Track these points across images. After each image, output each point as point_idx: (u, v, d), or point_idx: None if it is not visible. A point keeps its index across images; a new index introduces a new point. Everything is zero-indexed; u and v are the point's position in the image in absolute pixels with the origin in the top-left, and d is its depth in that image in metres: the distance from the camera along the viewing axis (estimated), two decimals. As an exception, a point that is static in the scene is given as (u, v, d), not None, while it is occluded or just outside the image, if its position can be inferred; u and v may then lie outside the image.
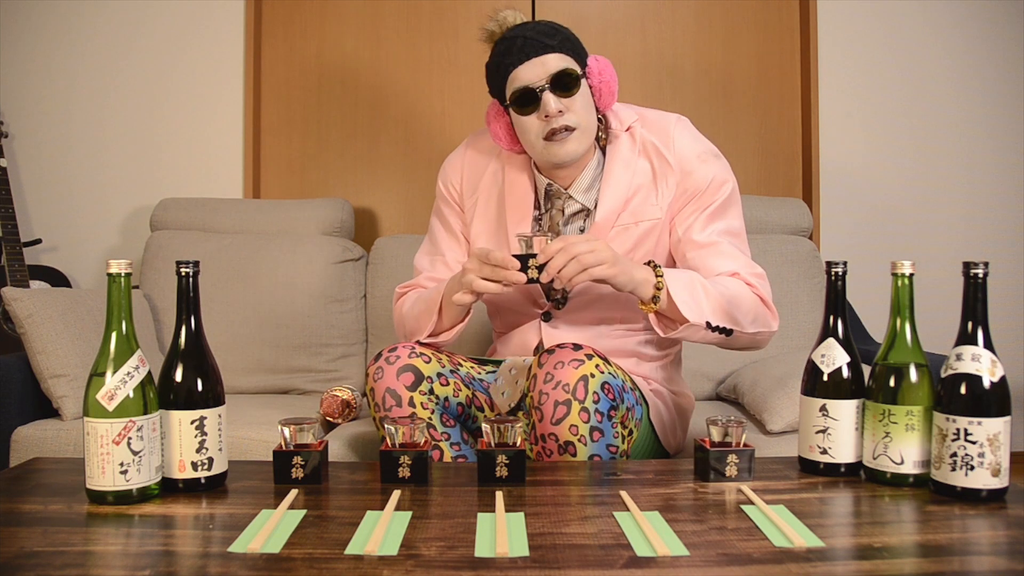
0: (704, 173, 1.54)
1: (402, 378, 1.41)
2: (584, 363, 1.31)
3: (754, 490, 1.13)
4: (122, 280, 1.10)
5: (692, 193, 1.54)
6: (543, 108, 1.47)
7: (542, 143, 1.50)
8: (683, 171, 1.54)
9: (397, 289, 1.68)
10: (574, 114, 1.48)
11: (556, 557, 0.90)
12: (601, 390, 1.31)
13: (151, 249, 2.40)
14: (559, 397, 1.30)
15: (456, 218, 1.68)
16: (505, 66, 1.50)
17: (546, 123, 1.48)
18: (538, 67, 1.47)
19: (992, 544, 0.96)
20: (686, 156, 1.55)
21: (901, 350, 1.17)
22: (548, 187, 1.58)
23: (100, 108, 2.70)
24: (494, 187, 1.64)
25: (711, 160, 1.56)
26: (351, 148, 2.72)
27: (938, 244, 2.68)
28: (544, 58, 1.47)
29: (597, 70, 1.54)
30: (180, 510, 1.07)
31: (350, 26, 2.70)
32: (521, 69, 1.48)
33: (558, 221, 1.58)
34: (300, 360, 2.28)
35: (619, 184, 1.55)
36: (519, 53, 1.48)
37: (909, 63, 2.70)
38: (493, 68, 1.53)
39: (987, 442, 1.07)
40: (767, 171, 2.70)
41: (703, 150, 1.56)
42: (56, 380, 1.84)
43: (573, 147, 1.49)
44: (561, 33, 1.51)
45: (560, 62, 1.48)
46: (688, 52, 2.70)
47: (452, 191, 1.68)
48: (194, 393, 1.14)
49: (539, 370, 1.34)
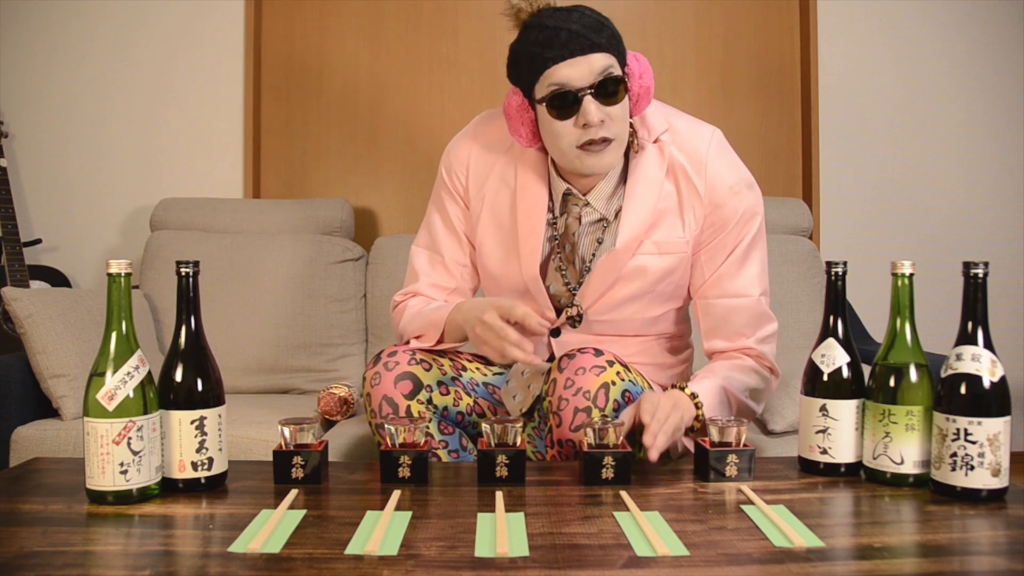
0: (735, 207, 1.41)
1: (400, 386, 1.38)
2: (606, 370, 1.29)
3: (754, 490, 1.13)
4: (122, 280, 1.10)
5: (719, 227, 1.42)
6: (583, 115, 1.30)
7: (575, 151, 1.34)
8: (713, 203, 1.41)
9: (395, 298, 1.57)
10: (614, 124, 1.33)
11: (556, 557, 0.90)
12: (622, 398, 1.29)
13: (151, 249, 2.40)
14: (579, 404, 1.28)
15: (458, 211, 1.53)
16: (544, 60, 1.30)
17: (583, 132, 1.32)
18: (583, 67, 1.30)
19: (992, 544, 0.96)
20: (718, 189, 1.41)
21: (901, 350, 1.17)
22: (567, 192, 1.45)
23: (100, 108, 2.70)
24: (504, 187, 1.49)
25: (743, 192, 1.42)
26: (351, 148, 2.72)
27: (938, 244, 2.68)
28: (590, 58, 1.30)
29: (638, 72, 1.37)
30: (180, 510, 1.07)
31: (350, 26, 2.70)
32: (562, 67, 1.30)
33: (574, 230, 1.46)
34: (300, 360, 2.28)
35: (643, 206, 1.41)
36: (562, 48, 1.29)
37: (909, 63, 2.70)
38: (526, 59, 1.33)
39: (987, 442, 1.07)
40: (767, 171, 2.70)
41: (736, 180, 1.43)
42: (56, 380, 1.84)
43: (609, 159, 1.36)
44: (608, 28, 1.34)
45: (607, 64, 1.31)
46: (688, 52, 2.70)
47: (457, 183, 1.53)
48: (194, 393, 1.14)
49: (559, 374, 1.31)
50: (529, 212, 1.46)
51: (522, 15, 1.36)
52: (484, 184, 1.51)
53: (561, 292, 1.49)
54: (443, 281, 1.54)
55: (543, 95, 1.33)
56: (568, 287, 1.48)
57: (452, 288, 1.55)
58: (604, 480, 1.17)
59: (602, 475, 1.17)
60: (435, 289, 1.54)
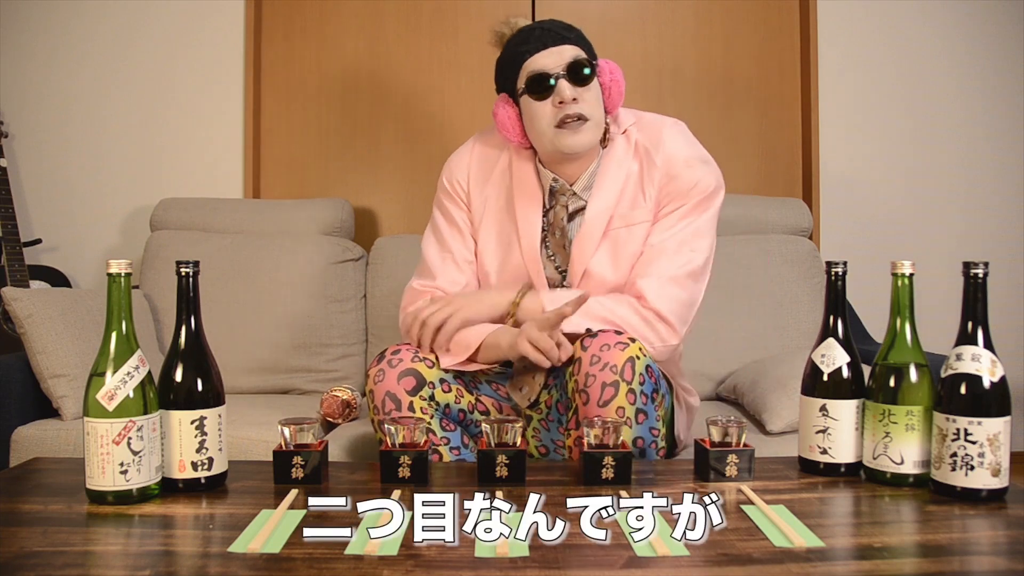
0: (688, 178, 1.52)
1: (403, 382, 1.40)
2: (629, 345, 1.33)
3: (754, 490, 1.13)
4: (122, 280, 1.10)
5: (673, 196, 1.53)
6: (557, 94, 1.47)
7: (553, 131, 1.49)
8: (668, 174, 1.53)
9: (414, 285, 1.62)
10: (587, 104, 1.49)
11: (556, 557, 0.90)
12: (646, 372, 1.33)
13: (151, 249, 2.40)
14: (607, 379, 1.30)
15: (461, 213, 1.65)
16: (521, 54, 1.51)
17: (559, 109, 1.48)
18: (555, 55, 1.49)
19: (992, 544, 0.96)
20: (673, 160, 1.53)
21: (901, 350, 1.17)
22: (553, 183, 1.58)
23: (100, 108, 2.70)
24: (503, 184, 1.63)
25: (697, 166, 1.53)
26: (351, 148, 2.72)
27: (938, 244, 2.68)
28: (561, 48, 1.49)
29: (608, 69, 1.55)
30: (180, 510, 1.07)
31: (350, 26, 2.70)
32: (538, 56, 1.49)
33: (562, 217, 1.58)
34: (300, 360, 2.28)
35: (611, 185, 1.55)
36: (536, 42, 1.50)
37: (909, 63, 2.70)
38: (507, 59, 1.54)
39: (987, 442, 1.07)
40: (767, 171, 2.70)
41: (691, 155, 1.54)
42: (56, 380, 1.84)
43: (585, 137, 1.49)
44: (576, 30, 1.54)
45: (576, 53, 1.50)
46: (688, 52, 2.69)
47: (458, 188, 1.65)
48: (194, 393, 1.14)
49: (583, 353, 1.34)
50: (526, 203, 1.59)
51: (504, 38, 1.57)
52: (487, 183, 1.64)
53: (554, 276, 1.59)
54: (456, 277, 1.61)
55: (523, 85, 1.51)
56: (559, 270, 1.59)
57: (463, 285, 1.61)
58: (604, 480, 1.17)
59: (602, 475, 1.17)
60: (452, 287, 1.60)
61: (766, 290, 2.26)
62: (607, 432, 1.19)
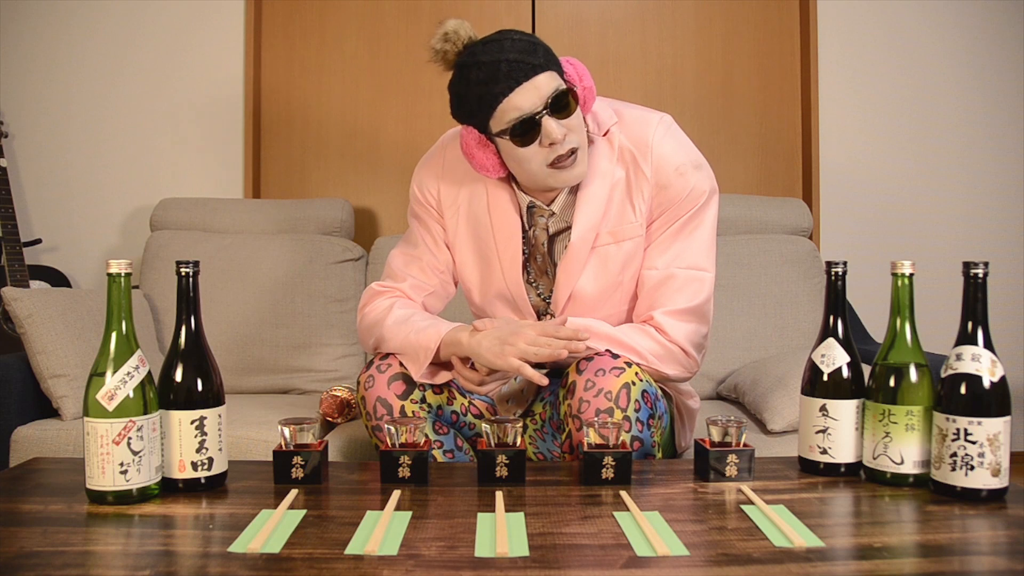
0: (681, 187, 1.42)
1: (393, 387, 1.39)
2: (625, 371, 1.30)
3: (754, 490, 1.13)
4: (122, 280, 1.10)
5: (665, 207, 1.43)
6: (546, 135, 1.33)
7: (546, 171, 1.37)
8: (659, 185, 1.42)
9: (375, 287, 1.54)
10: (575, 134, 1.36)
11: (556, 557, 0.90)
12: (642, 398, 1.30)
13: (151, 249, 2.40)
14: (601, 405, 1.28)
15: (435, 223, 1.55)
16: (493, 96, 1.32)
17: (550, 150, 1.34)
18: (531, 91, 1.31)
19: (992, 544, 0.96)
20: (663, 170, 1.42)
21: (901, 350, 1.17)
22: (531, 205, 1.47)
23: (100, 108, 2.70)
24: (477, 204, 1.51)
25: (690, 172, 1.43)
26: (351, 148, 2.72)
27: (938, 244, 2.68)
28: (535, 81, 1.31)
29: (577, 76, 1.39)
30: (180, 510, 1.07)
31: (350, 26, 2.70)
32: (513, 97, 1.31)
33: (542, 240, 1.49)
34: (300, 360, 2.28)
35: (595, 197, 1.44)
36: (506, 79, 1.30)
37: (909, 63, 2.70)
38: (475, 99, 1.34)
39: (987, 442, 1.07)
40: (767, 171, 2.70)
41: (682, 162, 1.43)
42: (56, 380, 1.84)
43: (580, 169, 1.38)
44: (539, 46, 1.34)
45: (552, 81, 1.33)
46: (688, 52, 2.70)
47: (429, 197, 1.55)
48: (194, 393, 1.14)
49: (578, 377, 1.31)
50: (503, 229, 1.49)
51: (449, 56, 1.37)
52: (458, 197, 1.52)
53: (538, 303, 1.52)
54: (422, 280, 1.54)
55: (502, 128, 1.35)
56: (541, 297, 1.52)
57: (430, 291, 1.54)
58: (604, 480, 1.17)
59: (602, 475, 1.17)
60: (416, 291, 1.54)
61: (766, 290, 2.26)
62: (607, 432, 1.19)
